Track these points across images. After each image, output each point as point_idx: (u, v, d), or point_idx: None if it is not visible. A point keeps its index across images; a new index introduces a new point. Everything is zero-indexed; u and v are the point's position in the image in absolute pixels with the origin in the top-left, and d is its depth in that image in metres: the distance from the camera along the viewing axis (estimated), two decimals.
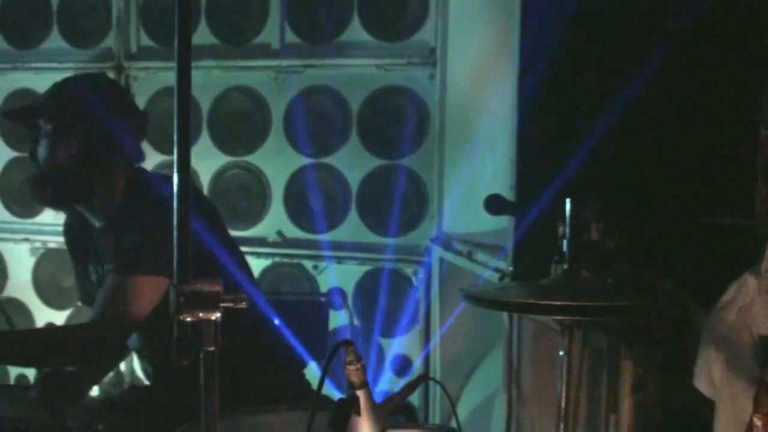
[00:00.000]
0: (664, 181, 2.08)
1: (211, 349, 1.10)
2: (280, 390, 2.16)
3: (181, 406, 1.73)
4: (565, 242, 1.72)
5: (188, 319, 1.09)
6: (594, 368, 1.95)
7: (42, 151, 2.08)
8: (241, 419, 1.60)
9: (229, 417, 1.45)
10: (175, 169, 1.12)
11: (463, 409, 2.81)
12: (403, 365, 3.30)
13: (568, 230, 1.71)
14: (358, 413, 1.21)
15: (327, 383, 2.41)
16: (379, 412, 1.24)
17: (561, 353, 1.75)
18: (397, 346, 3.30)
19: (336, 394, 1.52)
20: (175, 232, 1.09)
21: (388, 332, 3.29)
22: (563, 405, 1.78)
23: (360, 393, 1.21)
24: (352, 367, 1.20)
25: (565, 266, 1.71)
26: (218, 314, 1.09)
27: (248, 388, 1.98)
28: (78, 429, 1.85)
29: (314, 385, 2.42)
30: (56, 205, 2.19)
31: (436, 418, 3.05)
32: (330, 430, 1.19)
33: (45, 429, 1.86)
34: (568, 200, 1.73)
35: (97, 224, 2.18)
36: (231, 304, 1.11)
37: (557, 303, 1.50)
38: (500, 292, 1.79)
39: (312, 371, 2.54)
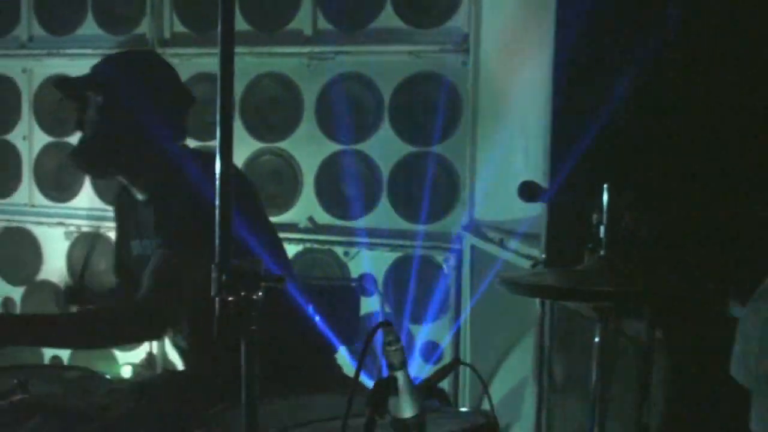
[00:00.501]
0: (701, 170, 2.06)
1: (253, 327, 1.11)
2: (312, 374, 2.18)
3: (213, 389, 1.75)
4: (601, 229, 1.70)
5: (230, 298, 1.11)
6: (628, 356, 1.94)
7: (88, 122, 2.12)
8: (275, 402, 1.62)
9: (262, 400, 1.46)
10: (218, 153, 1.13)
11: (493, 397, 2.80)
12: (432, 352, 3.30)
13: (605, 217, 1.70)
14: (397, 394, 1.22)
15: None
16: (417, 393, 1.25)
17: (596, 340, 1.74)
18: (426, 332, 3.30)
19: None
20: (217, 213, 1.10)
21: (418, 319, 3.30)
22: (597, 392, 1.77)
23: (398, 374, 1.22)
24: (391, 348, 1.21)
25: (602, 253, 1.69)
26: (260, 293, 1.10)
27: (280, 372, 2.00)
28: (111, 409, 1.88)
29: (346, 369, 2.44)
30: (96, 174, 2.22)
31: (465, 403, 3.05)
32: (369, 410, 1.20)
33: (79, 408, 1.88)
34: (605, 187, 1.71)
35: (140, 197, 2.22)
36: (272, 284, 1.12)
37: (599, 289, 1.49)
38: (537, 279, 1.78)
39: (342, 356, 2.55)
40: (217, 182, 1.11)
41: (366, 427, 1.18)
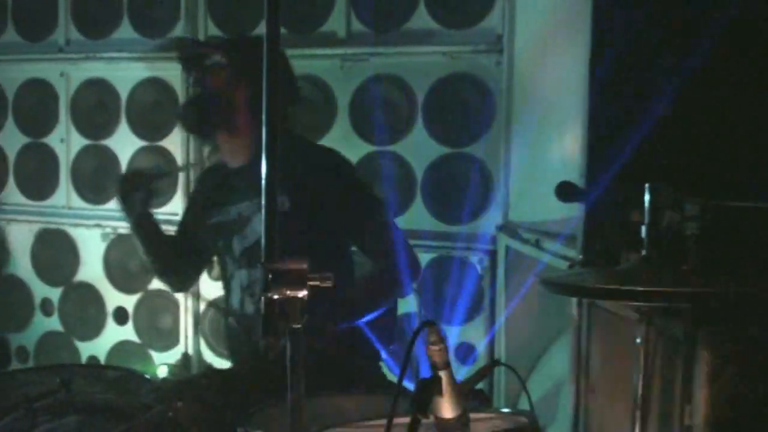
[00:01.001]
0: (746, 165, 2.03)
1: (297, 326, 1.11)
2: (359, 378, 2.20)
3: (259, 387, 1.76)
4: (643, 228, 1.68)
5: (275, 297, 1.11)
6: (669, 357, 1.92)
7: (208, 84, 2.30)
8: (318, 400, 1.62)
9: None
10: (264, 154, 1.14)
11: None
12: (467, 353, 3.29)
13: (647, 216, 1.68)
14: (440, 393, 1.21)
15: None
16: (460, 393, 1.24)
17: (638, 341, 1.72)
18: (461, 334, 3.29)
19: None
20: (263, 212, 1.11)
21: (453, 320, 3.28)
22: (640, 394, 1.75)
23: (442, 374, 1.21)
24: (435, 348, 1.20)
25: (644, 253, 1.67)
26: (305, 292, 1.11)
27: (328, 374, 2.03)
28: (153, 408, 1.89)
29: (390, 376, 2.46)
30: (200, 131, 2.38)
31: (500, 404, 3.04)
32: (413, 409, 1.19)
33: (121, 407, 1.90)
34: (647, 186, 1.69)
35: (235, 166, 2.41)
36: (317, 283, 1.12)
37: (645, 289, 1.47)
38: (579, 278, 1.76)
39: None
40: (263, 182, 1.11)
41: (410, 426, 1.18)
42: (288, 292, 1.10)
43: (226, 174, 2.50)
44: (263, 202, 1.11)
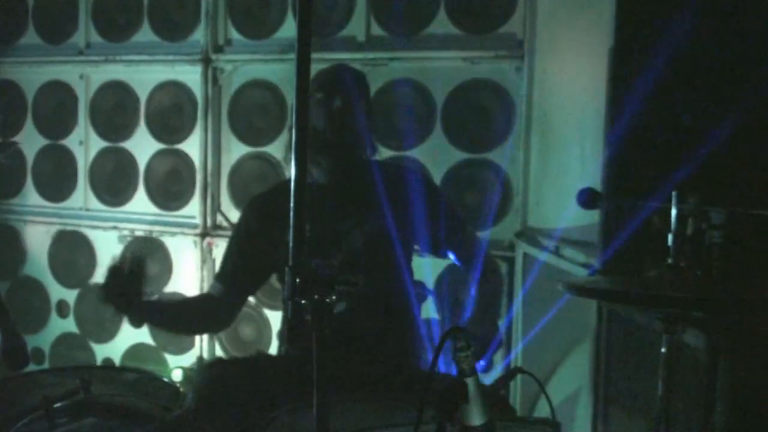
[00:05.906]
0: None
1: (326, 331, 1.11)
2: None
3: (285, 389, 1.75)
4: (669, 236, 1.67)
5: (303, 302, 1.10)
6: (692, 367, 1.90)
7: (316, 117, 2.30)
8: (343, 405, 1.61)
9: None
10: (293, 160, 1.13)
11: (545, 406, 2.77)
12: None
13: (673, 224, 1.66)
14: (467, 400, 1.20)
15: None
16: (486, 400, 1.23)
17: (662, 350, 1.70)
18: None
19: None
20: (291, 215, 1.10)
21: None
22: (662, 403, 1.73)
23: (469, 380, 1.20)
24: (463, 354, 1.19)
25: (670, 261, 1.66)
26: (333, 296, 1.10)
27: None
28: (172, 409, 1.88)
29: None
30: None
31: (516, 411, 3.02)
32: (438, 416, 1.18)
33: (140, 409, 1.89)
34: (673, 194, 1.68)
35: (323, 182, 2.37)
36: (345, 287, 1.11)
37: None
38: (610, 283, 1.74)
39: None
40: (292, 187, 1.11)
41: None
42: (316, 297, 1.09)
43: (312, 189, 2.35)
44: (291, 203, 1.11)
